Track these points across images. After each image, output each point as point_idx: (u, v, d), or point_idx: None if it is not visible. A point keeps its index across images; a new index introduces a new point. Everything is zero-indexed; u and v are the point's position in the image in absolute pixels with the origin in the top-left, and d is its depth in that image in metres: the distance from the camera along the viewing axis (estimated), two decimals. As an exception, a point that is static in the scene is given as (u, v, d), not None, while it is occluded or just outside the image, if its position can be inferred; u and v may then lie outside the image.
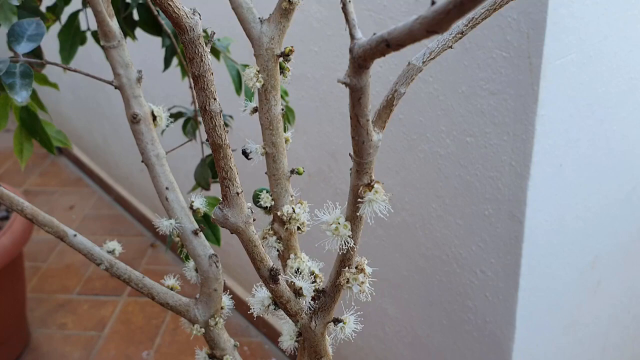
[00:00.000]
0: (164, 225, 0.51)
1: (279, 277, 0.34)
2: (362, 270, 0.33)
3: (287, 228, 0.46)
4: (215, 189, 0.89)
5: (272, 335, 1.87)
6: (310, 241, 0.51)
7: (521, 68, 0.97)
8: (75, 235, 0.52)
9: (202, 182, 0.80)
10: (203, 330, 0.49)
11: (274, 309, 0.38)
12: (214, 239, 0.81)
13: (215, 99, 0.36)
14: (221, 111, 0.36)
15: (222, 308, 0.50)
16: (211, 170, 0.82)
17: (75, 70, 0.62)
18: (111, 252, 0.54)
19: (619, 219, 1.25)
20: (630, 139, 1.18)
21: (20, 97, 0.57)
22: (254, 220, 0.33)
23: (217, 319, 0.49)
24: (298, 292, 0.37)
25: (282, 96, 0.58)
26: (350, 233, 0.31)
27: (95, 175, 2.62)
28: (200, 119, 0.91)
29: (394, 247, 1.33)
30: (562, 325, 1.26)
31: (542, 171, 1.04)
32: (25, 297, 1.90)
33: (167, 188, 0.53)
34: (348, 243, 0.32)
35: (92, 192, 2.62)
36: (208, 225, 0.81)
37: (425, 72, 1.11)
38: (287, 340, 0.50)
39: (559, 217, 1.12)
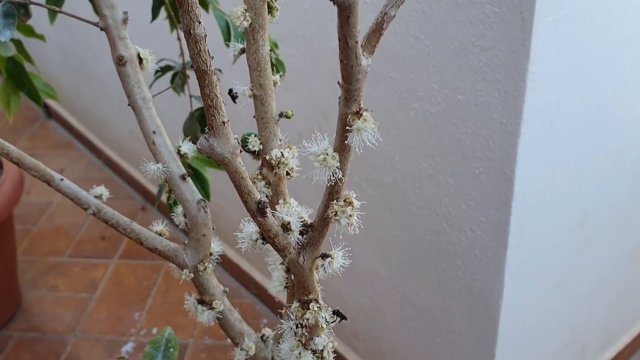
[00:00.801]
0: (151, 169, 0.50)
1: (267, 210, 0.34)
2: (350, 203, 0.33)
3: (275, 173, 0.45)
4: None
5: (264, 296, 1.88)
6: (299, 185, 0.50)
7: (513, 24, 0.96)
8: (62, 180, 0.51)
9: (191, 136, 0.79)
10: (192, 275, 0.49)
11: (262, 243, 0.38)
12: (204, 194, 0.80)
13: (199, 22, 0.35)
14: (205, 35, 0.35)
15: (211, 254, 0.50)
16: (200, 124, 0.81)
17: (60, 12, 0.60)
18: (98, 197, 0.53)
19: (609, 179, 1.26)
20: (622, 98, 1.18)
21: (4, 36, 0.57)
22: (240, 151, 0.32)
23: (206, 264, 0.49)
24: (286, 227, 0.37)
25: (272, 48, 0.57)
26: (339, 164, 0.31)
27: (85, 139, 2.60)
28: (189, 72, 0.90)
29: (385, 206, 1.33)
30: (551, 283, 1.27)
31: (533, 129, 1.04)
32: (16, 260, 1.90)
33: (154, 132, 0.52)
34: (336, 174, 0.31)
35: (81, 155, 2.60)
36: (197, 180, 0.81)
37: (416, 28, 1.09)
38: (277, 286, 0.50)
39: (549, 176, 1.12)
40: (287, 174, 0.46)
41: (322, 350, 0.43)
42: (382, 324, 1.49)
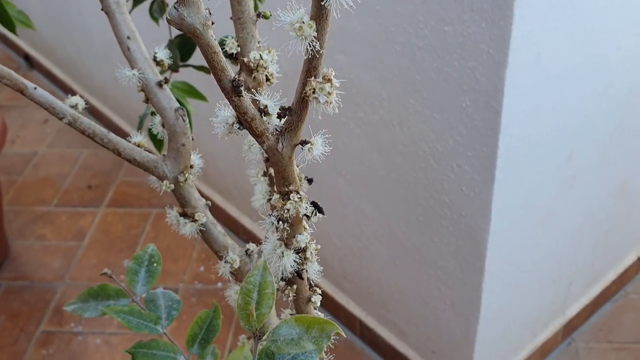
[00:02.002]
0: (126, 75, 0.49)
1: (242, 88, 0.33)
2: (329, 80, 0.32)
3: (254, 77, 0.44)
4: (185, 73, 0.86)
5: (253, 242, 1.89)
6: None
7: (501, -51, 0.94)
8: (35, 89, 0.50)
9: (171, 64, 0.78)
10: (172, 186, 0.48)
11: (239, 128, 0.37)
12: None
13: None
14: None
15: (191, 167, 0.49)
16: (180, 51, 0.80)
17: None
18: (74, 106, 0.52)
19: (596, 113, 1.25)
20: (609, 30, 1.16)
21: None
22: (212, 23, 0.31)
23: (186, 175, 0.48)
24: (263, 111, 0.36)
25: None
26: (316, 33, 0.30)
27: (69, 88, 2.56)
28: (167, 0, 0.88)
29: (372, 146, 1.32)
30: (537, 219, 1.27)
31: (520, 59, 1.03)
32: (2, 210, 1.89)
33: (128, 37, 0.51)
34: (313, 45, 0.30)
35: (65, 106, 2.56)
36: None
37: (402, -42, 1.07)
38: (260, 199, 0.49)
39: (536, 108, 1.11)
40: (267, 79, 0.45)
41: (305, 250, 0.43)
42: (370, 264, 1.49)
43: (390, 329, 1.54)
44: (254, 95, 0.36)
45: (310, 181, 0.46)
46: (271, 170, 0.44)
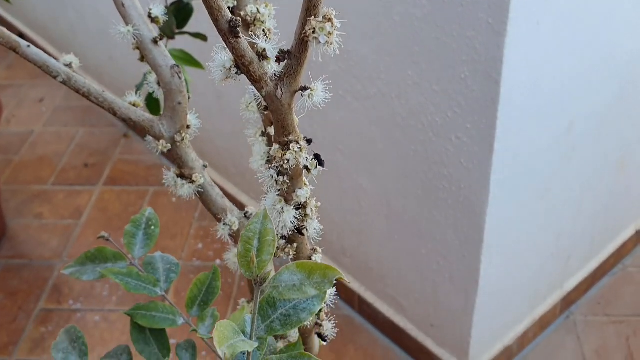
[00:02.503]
0: (121, 32, 0.48)
1: (239, 29, 0.32)
2: (329, 20, 0.31)
3: (251, 32, 0.43)
4: (181, 40, 0.85)
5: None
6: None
7: None
8: (28, 46, 0.49)
9: (167, 31, 0.77)
10: (169, 146, 0.47)
11: (236, 73, 0.36)
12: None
13: None
14: None
15: (188, 127, 0.49)
16: (175, 18, 0.78)
17: None
18: (68, 65, 0.51)
19: (596, 84, 1.24)
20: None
21: None
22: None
23: (183, 135, 0.47)
24: (261, 55, 0.35)
25: None
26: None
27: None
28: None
29: (370, 120, 1.32)
30: (536, 191, 1.27)
31: (519, 28, 1.02)
32: (-1, 188, 1.88)
33: (123, -7, 0.49)
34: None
35: (60, 84, 2.54)
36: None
37: None
38: (258, 160, 0.49)
39: (536, 79, 1.10)
40: (265, 34, 0.44)
41: (305, 206, 0.42)
42: (369, 239, 1.49)
43: (389, 303, 1.54)
44: (252, 38, 0.35)
45: (309, 142, 0.45)
46: (270, 130, 0.43)
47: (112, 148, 2.22)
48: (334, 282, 0.34)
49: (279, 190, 0.41)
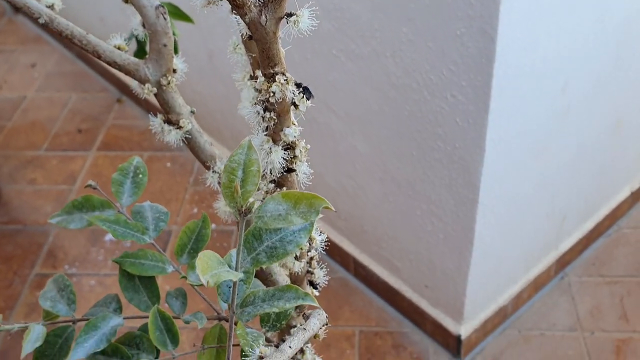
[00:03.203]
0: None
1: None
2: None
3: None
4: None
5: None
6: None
7: None
8: (7, -14, 0.47)
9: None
10: (155, 90, 0.46)
11: (218, -1, 0.35)
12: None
13: None
14: None
15: (174, 71, 0.48)
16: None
17: None
18: (50, 6, 0.50)
19: (592, 44, 1.23)
20: (608, -46, 1.13)
21: None
22: None
23: (169, 79, 0.46)
24: (243, -21, 0.34)
25: None
26: None
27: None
28: None
29: (364, 80, 1.30)
30: (531, 151, 1.26)
31: (516, -17, 1.00)
32: (-9, 152, 1.87)
33: None
34: None
35: (53, 50, 2.52)
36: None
37: None
38: (247, 106, 0.47)
39: (531, 35, 1.09)
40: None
41: (294, 147, 0.41)
42: (364, 202, 1.49)
43: (384, 265, 1.54)
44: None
45: (299, 86, 0.44)
46: (258, 73, 0.42)
47: (106, 113, 2.20)
48: (320, 211, 0.33)
49: (266, 129, 0.40)
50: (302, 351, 0.54)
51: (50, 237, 1.81)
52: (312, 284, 0.52)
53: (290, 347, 0.40)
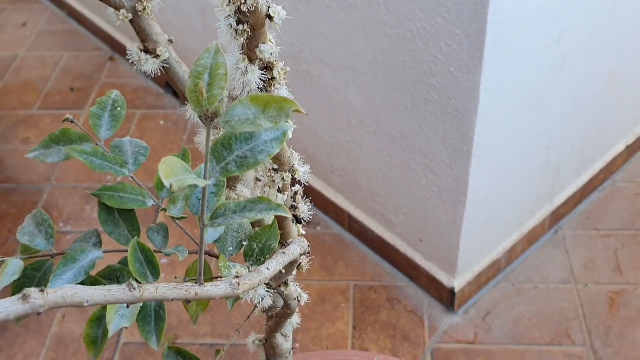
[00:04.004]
0: None
1: None
2: None
3: None
4: None
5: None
6: None
7: None
8: None
9: None
10: (130, 16, 0.45)
11: None
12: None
13: None
14: None
15: (151, -3, 0.46)
16: None
17: None
18: None
19: (589, -10, 1.20)
20: None
21: None
22: None
23: (145, 4, 0.44)
24: None
25: None
26: None
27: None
28: None
29: (358, 31, 1.28)
30: (526, 101, 1.25)
31: None
32: (-17, 111, 1.85)
33: None
34: None
35: (44, 8, 2.48)
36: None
37: None
38: (225, 34, 0.46)
39: (527, -19, 1.07)
40: None
41: (271, 68, 0.40)
42: (358, 157, 1.48)
43: (379, 220, 1.54)
44: None
45: (270, 18, 0.41)
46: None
47: (98, 72, 2.18)
48: (290, 114, 0.32)
49: (242, 47, 0.39)
50: (285, 284, 0.53)
51: (44, 195, 1.81)
52: (297, 219, 0.51)
53: (268, 268, 0.39)
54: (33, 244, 0.53)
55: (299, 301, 0.56)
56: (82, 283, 0.50)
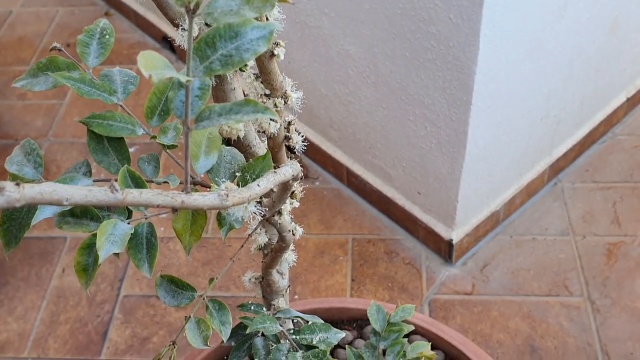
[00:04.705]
0: None
1: None
2: None
3: None
4: None
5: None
6: None
7: None
8: None
9: None
10: None
11: None
12: None
13: None
14: None
15: None
16: None
17: None
18: None
19: None
20: None
21: None
22: None
23: None
24: None
25: None
26: None
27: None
28: None
29: (356, -22, 1.26)
30: (526, 49, 1.23)
31: None
32: (-22, 66, 1.83)
33: None
34: None
35: (38, -37, 2.44)
36: None
37: None
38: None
39: None
40: None
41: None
42: (357, 109, 1.47)
43: (377, 174, 1.53)
44: None
45: None
46: None
47: (94, 27, 2.14)
48: (275, 4, 0.31)
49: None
50: (279, 213, 0.53)
51: (42, 151, 1.79)
52: (290, 149, 0.50)
53: (258, 185, 0.39)
54: (21, 172, 0.53)
55: (293, 234, 0.56)
56: (71, 211, 0.50)
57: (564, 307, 1.36)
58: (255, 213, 0.39)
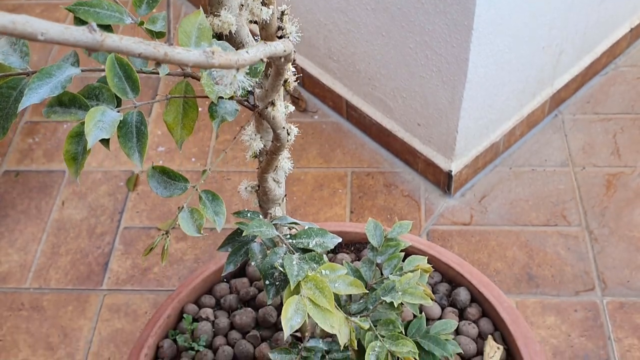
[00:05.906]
0: None
1: None
2: None
3: None
4: None
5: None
6: None
7: None
8: None
9: None
10: None
11: None
12: None
13: None
14: None
15: None
16: None
17: None
18: None
19: None
20: None
21: None
22: None
23: None
24: None
25: None
26: None
27: None
28: None
29: None
30: (529, -28, 1.20)
31: None
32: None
33: None
34: None
35: None
36: None
37: None
38: None
39: None
40: None
41: None
42: (356, 38, 1.44)
43: (376, 106, 1.52)
44: None
45: None
46: None
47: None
48: None
49: None
50: (272, 103, 0.52)
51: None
52: (281, 30, 0.49)
53: (247, 52, 0.38)
54: (7, 62, 0.52)
55: (288, 133, 0.55)
56: (59, 98, 0.49)
57: (562, 236, 1.36)
58: (244, 84, 0.38)
